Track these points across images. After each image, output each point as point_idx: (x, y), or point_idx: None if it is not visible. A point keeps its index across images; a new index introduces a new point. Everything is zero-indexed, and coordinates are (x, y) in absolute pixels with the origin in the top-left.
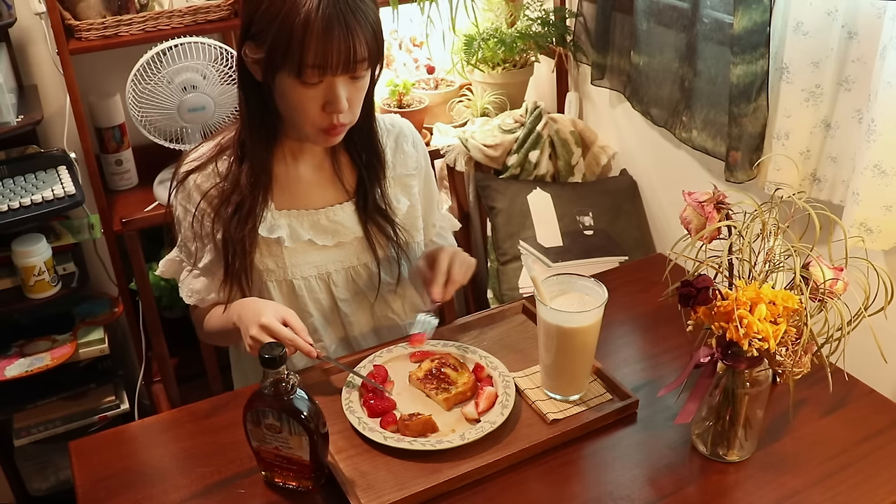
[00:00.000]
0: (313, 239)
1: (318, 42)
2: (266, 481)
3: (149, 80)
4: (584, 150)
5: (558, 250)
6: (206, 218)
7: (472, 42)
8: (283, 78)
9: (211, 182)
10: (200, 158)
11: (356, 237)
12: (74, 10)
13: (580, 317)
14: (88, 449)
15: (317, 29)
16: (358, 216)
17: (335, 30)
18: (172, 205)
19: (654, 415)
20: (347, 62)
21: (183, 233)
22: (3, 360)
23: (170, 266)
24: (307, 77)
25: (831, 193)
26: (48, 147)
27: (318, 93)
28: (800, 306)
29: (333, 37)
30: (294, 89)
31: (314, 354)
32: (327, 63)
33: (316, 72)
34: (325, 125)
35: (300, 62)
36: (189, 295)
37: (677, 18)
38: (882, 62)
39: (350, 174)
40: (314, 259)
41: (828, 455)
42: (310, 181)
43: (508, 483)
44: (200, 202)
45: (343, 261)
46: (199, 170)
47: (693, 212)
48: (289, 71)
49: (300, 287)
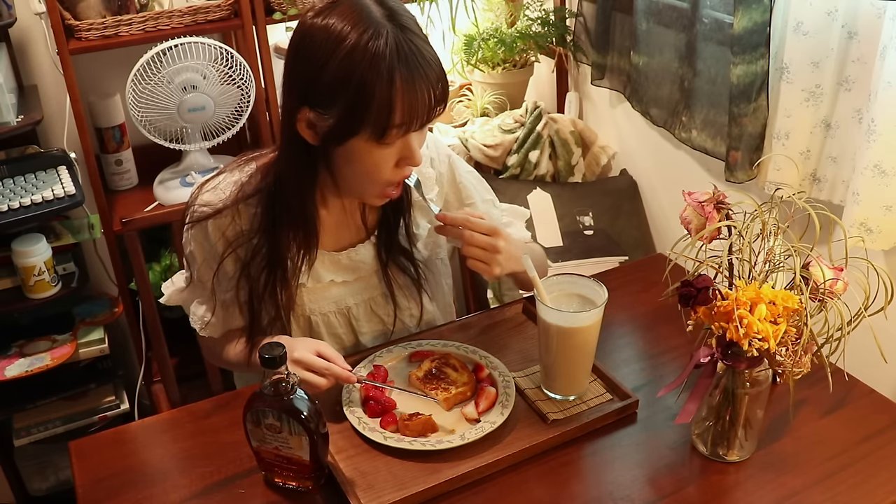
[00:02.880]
0: (334, 279)
1: (403, 100)
2: (266, 481)
3: (149, 80)
4: (584, 150)
5: (558, 250)
6: (228, 261)
7: (472, 42)
8: (356, 142)
9: (233, 227)
10: (220, 202)
11: (375, 270)
12: (74, 10)
13: (580, 317)
14: (88, 449)
15: (401, 85)
16: (377, 254)
17: (419, 84)
18: (186, 240)
19: (654, 415)
20: (429, 113)
21: (198, 272)
22: (3, 360)
23: (177, 297)
24: (390, 139)
25: (831, 193)
26: (48, 147)
27: (394, 151)
28: (800, 306)
29: (418, 93)
30: (368, 153)
31: (354, 380)
32: (413, 120)
33: (401, 131)
34: (396, 181)
35: (385, 126)
36: (202, 326)
37: (677, 18)
38: (882, 62)
39: (373, 213)
40: (333, 295)
41: (828, 455)
42: (334, 223)
43: (508, 483)
44: (222, 247)
45: (362, 293)
46: (219, 215)
47: (693, 212)
48: (367, 135)
49: (317, 323)
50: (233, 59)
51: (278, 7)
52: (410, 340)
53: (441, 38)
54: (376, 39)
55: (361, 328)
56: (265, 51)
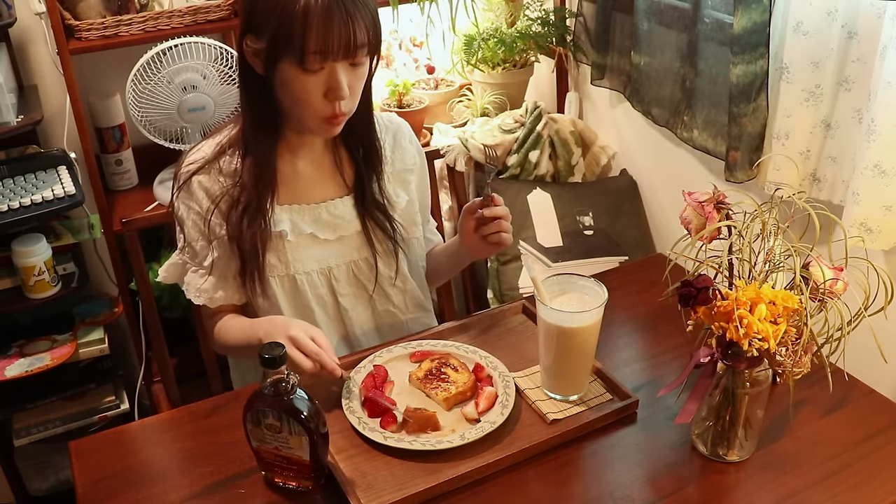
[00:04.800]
0: (315, 233)
1: (318, 27)
2: (266, 481)
3: (149, 80)
4: (584, 150)
5: (558, 250)
6: (214, 217)
7: (472, 42)
8: (284, 67)
9: (215, 182)
10: (203, 159)
11: (356, 231)
12: (74, 10)
13: (580, 317)
14: (88, 449)
15: (317, 14)
16: (356, 210)
17: (335, 15)
18: (175, 205)
19: (654, 415)
20: (348, 47)
21: (187, 233)
22: (3, 360)
23: (172, 270)
24: (309, 63)
25: (831, 193)
26: (48, 147)
27: (320, 80)
28: (800, 306)
29: (334, 22)
30: (296, 78)
31: (339, 374)
32: (328, 48)
33: (318, 57)
34: (328, 113)
35: (302, 49)
36: (197, 295)
37: (678, 18)
38: (882, 62)
39: (349, 169)
40: (315, 254)
41: (828, 455)
42: (310, 176)
43: (508, 483)
44: (207, 203)
45: (344, 255)
46: (203, 170)
47: (693, 212)
48: (290, 59)
49: (302, 282)
50: (233, 59)
51: None
52: (410, 340)
53: (441, 38)
54: None
55: (341, 289)
56: None
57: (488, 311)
